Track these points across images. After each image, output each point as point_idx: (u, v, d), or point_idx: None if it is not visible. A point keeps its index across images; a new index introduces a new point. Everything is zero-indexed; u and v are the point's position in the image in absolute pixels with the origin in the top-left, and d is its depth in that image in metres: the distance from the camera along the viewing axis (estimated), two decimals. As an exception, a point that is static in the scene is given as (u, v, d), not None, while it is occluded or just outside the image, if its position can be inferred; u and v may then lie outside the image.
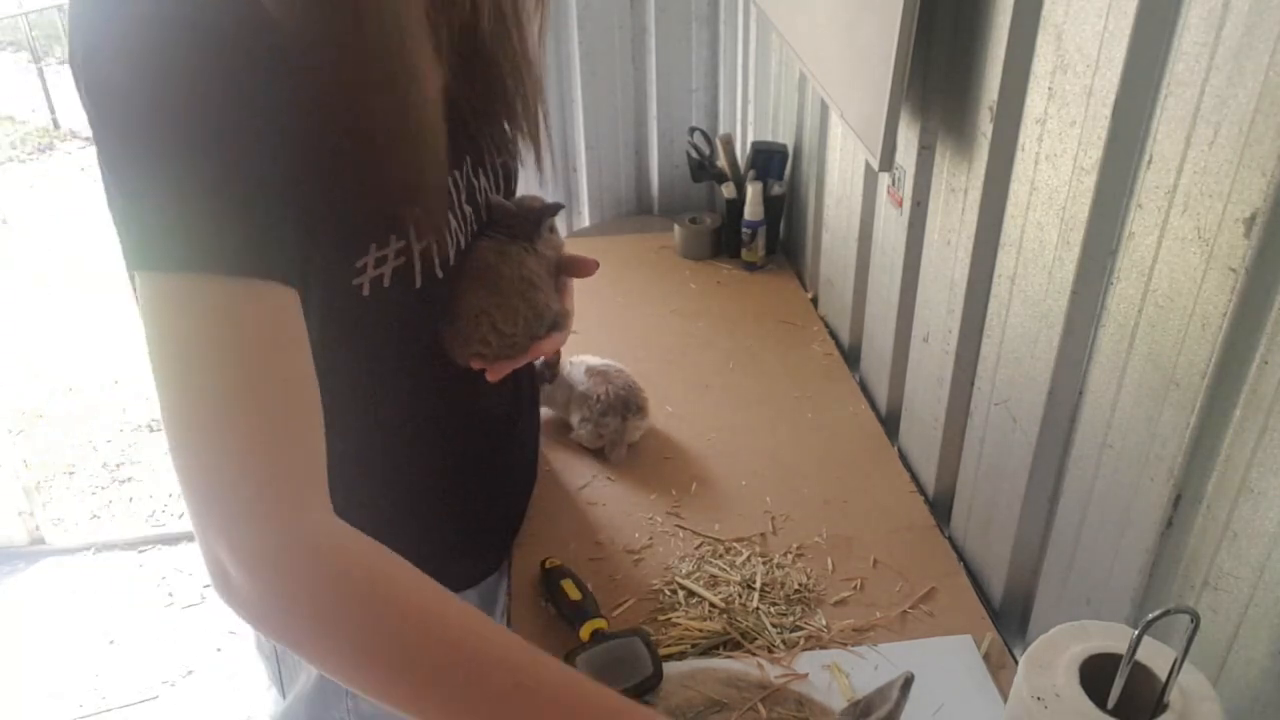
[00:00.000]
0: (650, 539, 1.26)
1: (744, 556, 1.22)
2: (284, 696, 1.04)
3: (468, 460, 0.98)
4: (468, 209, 0.84)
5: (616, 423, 1.39)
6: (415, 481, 0.94)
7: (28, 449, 3.19)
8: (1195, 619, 0.64)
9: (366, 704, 1.00)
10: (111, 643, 2.43)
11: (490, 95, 0.85)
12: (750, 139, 2.16)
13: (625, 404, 1.40)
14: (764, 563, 1.20)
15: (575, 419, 1.43)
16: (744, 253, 1.96)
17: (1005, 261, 1.09)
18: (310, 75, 0.65)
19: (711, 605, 1.13)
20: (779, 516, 1.29)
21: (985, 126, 1.08)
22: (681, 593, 1.16)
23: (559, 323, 0.92)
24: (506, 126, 0.90)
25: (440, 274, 0.80)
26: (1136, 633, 0.65)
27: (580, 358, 1.49)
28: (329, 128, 0.67)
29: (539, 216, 0.90)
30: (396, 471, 0.92)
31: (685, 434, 1.47)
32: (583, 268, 0.92)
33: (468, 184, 0.84)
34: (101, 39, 0.60)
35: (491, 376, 0.91)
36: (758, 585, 1.16)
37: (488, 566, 1.03)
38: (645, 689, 0.95)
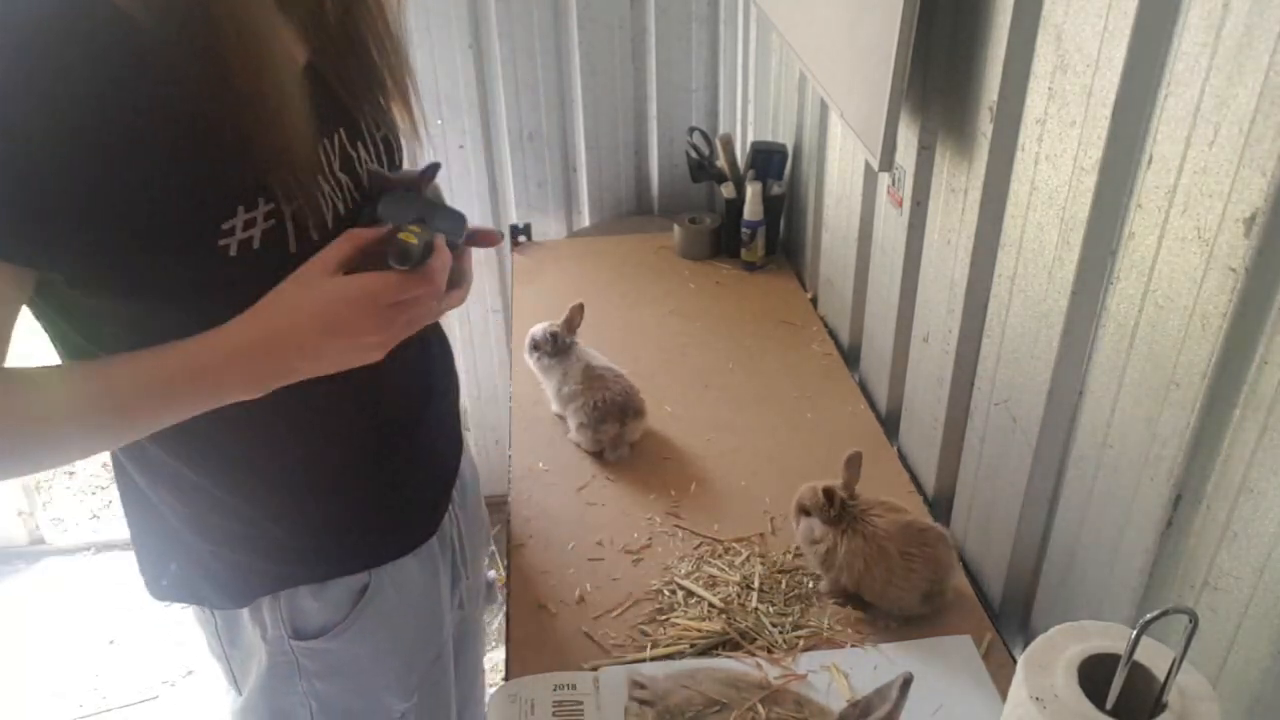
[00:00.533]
0: (650, 539, 1.26)
1: (743, 556, 1.22)
2: (240, 693, 1.04)
3: (383, 427, 0.98)
4: (343, 176, 0.86)
5: (615, 428, 1.40)
6: (328, 451, 0.95)
7: (28, 449, 3.18)
8: (1194, 619, 0.64)
9: (321, 682, 1.00)
10: (111, 643, 2.43)
11: (360, 69, 0.89)
12: (750, 139, 2.16)
13: (623, 409, 1.41)
14: (763, 563, 1.20)
15: (573, 423, 1.43)
16: (743, 253, 1.96)
17: (1005, 261, 1.09)
18: (161, 46, 0.69)
19: (711, 605, 1.13)
20: (778, 516, 1.29)
21: (985, 126, 1.08)
22: (681, 593, 1.16)
23: (456, 280, 0.92)
24: (380, 99, 0.93)
25: (316, 237, 0.81)
26: (1135, 633, 0.65)
27: (587, 350, 1.50)
28: (185, 98, 0.71)
29: (421, 176, 0.90)
30: (308, 442, 0.92)
31: (685, 434, 1.47)
32: (485, 238, 0.93)
33: (342, 153, 0.86)
34: None
35: None
36: (756, 585, 1.16)
37: (419, 535, 1.03)
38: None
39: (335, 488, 0.96)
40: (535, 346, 1.51)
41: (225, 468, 0.90)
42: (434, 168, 0.91)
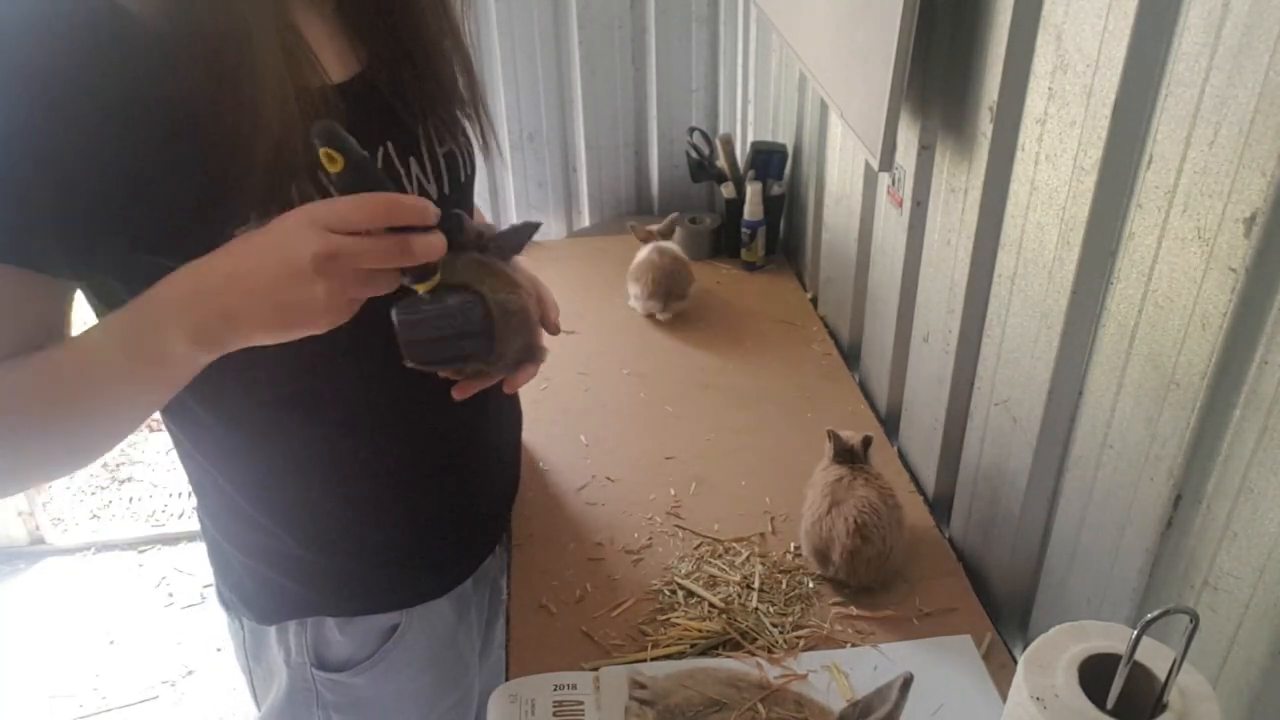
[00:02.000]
0: (650, 539, 1.26)
1: (743, 556, 1.22)
2: (259, 709, 1.03)
3: (419, 462, 0.95)
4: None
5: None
6: (361, 482, 0.92)
7: (28, 449, 3.18)
8: (1194, 619, 0.64)
9: (338, 715, 0.99)
10: (111, 643, 2.43)
11: (418, 80, 0.86)
12: (750, 139, 2.16)
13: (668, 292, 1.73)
14: (763, 563, 1.20)
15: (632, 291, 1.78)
16: (743, 253, 1.96)
17: (1005, 261, 1.09)
18: (169, 54, 0.68)
19: (711, 605, 1.13)
20: (778, 516, 1.29)
21: (985, 126, 1.08)
22: (681, 593, 1.16)
23: (539, 358, 0.88)
24: (447, 112, 0.90)
25: None
26: (1135, 633, 0.65)
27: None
28: (192, 109, 0.70)
29: (519, 237, 0.82)
30: (340, 470, 0.90)
31: (685, 434, 1.47)
32: (550, 321, 0.90)
33: (386, 166, 0.84)
34: None
35: (459, 394, 0.85)
36: (757, 585, 1.16)
37: (456, 577, 1.01)
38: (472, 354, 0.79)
39: (370, 521, 0.94)
40: None
41: (257, 484, 0.89)
42: (533, 227, 0.82)
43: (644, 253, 1.81)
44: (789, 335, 1.74)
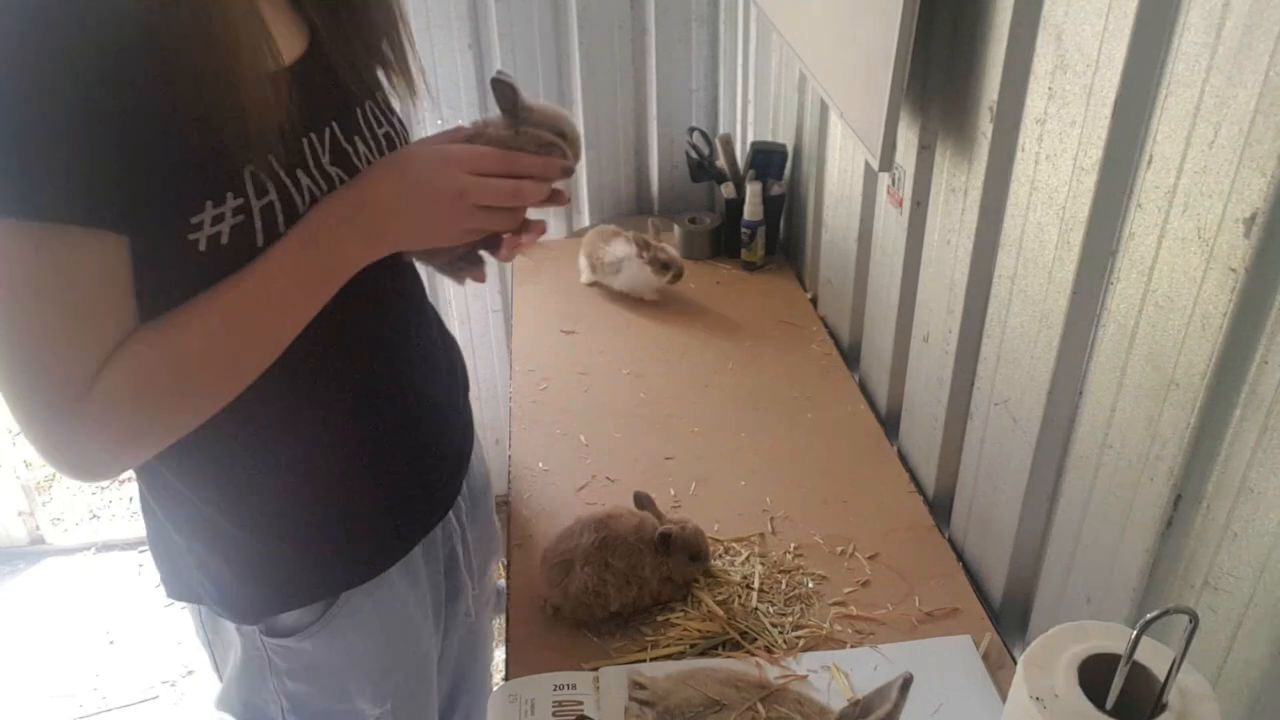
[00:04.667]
0: (650, 539, 1.26)
1: (743, 556, 1.22)
2: (220, 680, 1.04)
3: (368, 444, 0.95)
4: (334, 170, 0.85)
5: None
6: (310, 451, 0.92)
7: (28, 449, 3.19)
8: (1194, 619, 0.64)
9: (292, 681, 0.99)
10: (111, 643, 2.43)
11: (366, 52, 0.91)
12: (750, 139, 2.16)
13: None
14: (763, 563, 1.20)
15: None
16: (743, 253, 1.96)
17: (1005, 261, 1.09)
18: (134, 37, 0.69)
19: (711, 605, 1.13)
20: (778, 516, 1.29)
21: (985, 126, 1.08)
22: (681, 593, 1.16)
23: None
24: (384, 79, 0.94)
25: (283, 230, 0.81)
26: (1135, 633, 0.65)
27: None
28: (154, 89, 0.70)
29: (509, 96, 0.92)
30: (294, 442, 0.90)
31: (685, 434, 1.47)
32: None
33: (334, 147, 0.85)
34: None
35: (502, 255, 0.95)
36: (756, 585, 1.16)
37: (398, 552, 1.01)
38: None
39: (305, 516, 0.94)
40: None
41: (195, 471, 0.89)
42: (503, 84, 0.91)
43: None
44: (789, 335, 1.74)
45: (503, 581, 1.28)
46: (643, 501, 1.19)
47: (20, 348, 0.71)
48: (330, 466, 0.93)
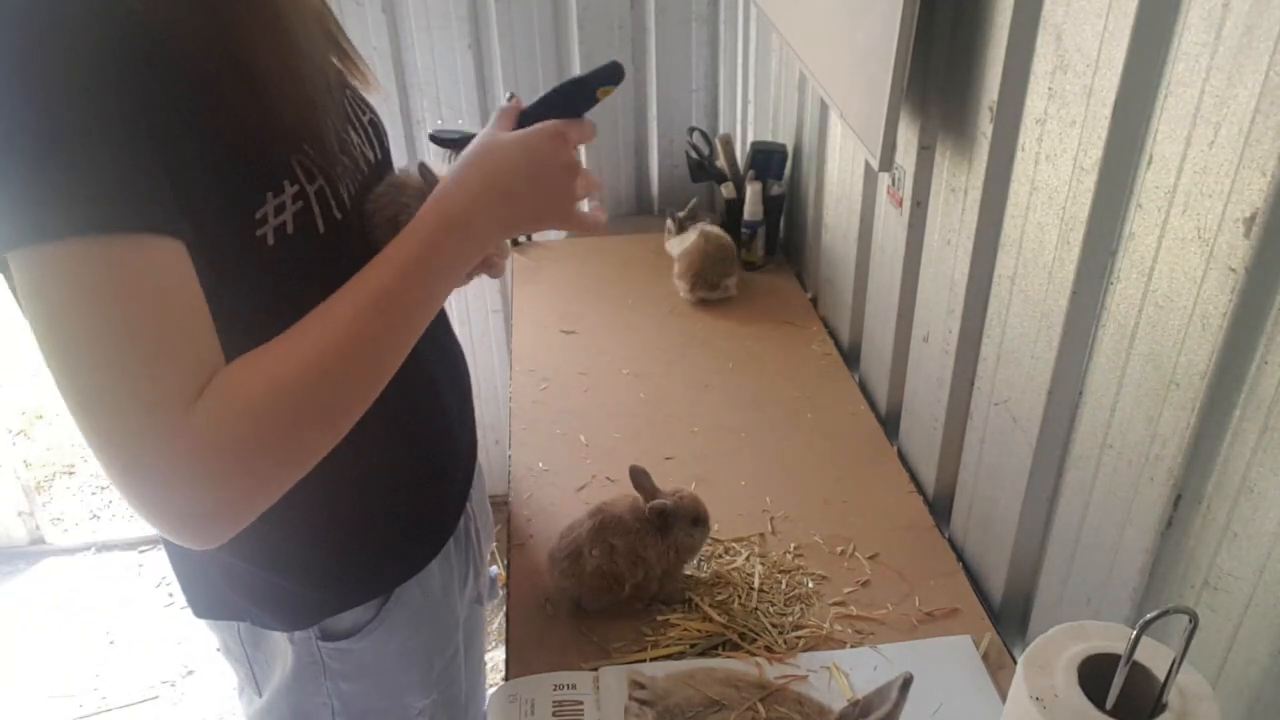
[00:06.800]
0: (650, 539, 1.26)
1: (743, 556, 1.22)
2: (260, 695, 1.03)
3: (408, 435, 0.96)
4: (343, 158, 0.85)
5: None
6: (360, 450, 0.90)
7: (28, 449, 3.19)
8: (1194, 619, 0.64)
9: (346, 683, 0.99)
10: (111, 643, 2.43)
11: (350, 44, 0.90)
12: (750, 139, 2.16)
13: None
14: (763, 563, 1.20)
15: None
16: (743, 253, 1.96)
17: (1005, 261, 1.09)
18: (189, 28, 0.66)
19: (710, 605, 1.13)
20: (778, 516, 1.29)
21: (985, 126, 1.08)
22: (681, 593, 1.16)
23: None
24: (339, 64, 0.93)
25: (338, 215, 0.81)
26: (1135, 633, 0.65)
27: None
28: (211, 79, 0.68)
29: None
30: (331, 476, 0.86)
31: (685, 434, 1.47)
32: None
33: (339, 134, 0.86)
34: None
35: None
36: (756, 585, 1.16)
37: (442, 539, 1.02)
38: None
39: (355, 514, 0.94)
40: None
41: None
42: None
43: (691, 238, 1.86)
44: (789, 335, 1.74)
45: (495, 568, 1.29)
46: (639, 476, 1.17)
47: (103, 371, 0.62)
48: (379, 463, 0.93)
